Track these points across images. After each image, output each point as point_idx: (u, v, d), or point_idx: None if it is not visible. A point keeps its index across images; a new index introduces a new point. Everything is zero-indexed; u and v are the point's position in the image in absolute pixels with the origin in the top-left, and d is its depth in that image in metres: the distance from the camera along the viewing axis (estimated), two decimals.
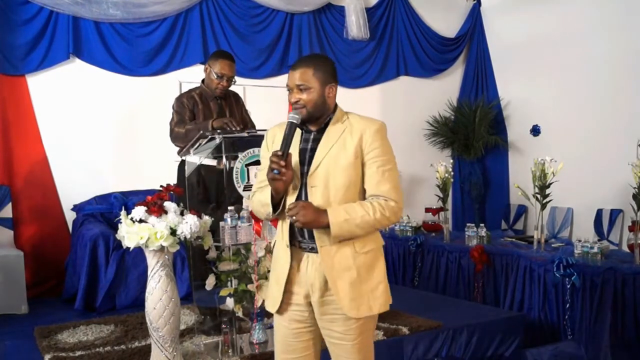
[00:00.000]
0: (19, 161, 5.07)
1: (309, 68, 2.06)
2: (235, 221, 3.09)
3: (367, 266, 2.06)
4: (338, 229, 1.97)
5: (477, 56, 7.33)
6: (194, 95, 3.73)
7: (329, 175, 2.03)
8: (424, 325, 3.60)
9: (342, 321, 2.05)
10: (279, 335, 2.17)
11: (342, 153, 2.03)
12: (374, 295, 2.06)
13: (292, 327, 2.13)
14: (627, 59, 5.77)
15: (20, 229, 5.03)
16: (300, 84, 2.05)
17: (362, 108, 5.36)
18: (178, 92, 5.60)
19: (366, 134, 2.04)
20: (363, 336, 2.09)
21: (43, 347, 3.38)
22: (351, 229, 1.98)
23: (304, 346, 2.14)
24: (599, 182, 5.89)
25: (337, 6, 6.53)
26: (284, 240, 2.11)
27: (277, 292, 2.11)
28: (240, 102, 3.94)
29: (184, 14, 5.70)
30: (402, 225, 5.70)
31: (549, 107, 6.55)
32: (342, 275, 2.02)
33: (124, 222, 2.75)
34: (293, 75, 2.07)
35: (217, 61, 3.64)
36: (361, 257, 2.05)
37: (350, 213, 1.98)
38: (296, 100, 2.06)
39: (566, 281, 3.97)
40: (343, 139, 2.05)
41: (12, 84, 5.05)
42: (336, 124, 2.10)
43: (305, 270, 2.08)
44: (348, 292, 2.02)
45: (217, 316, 3.42)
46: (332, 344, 2.11)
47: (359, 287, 2.03)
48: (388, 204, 2.02)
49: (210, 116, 3.67)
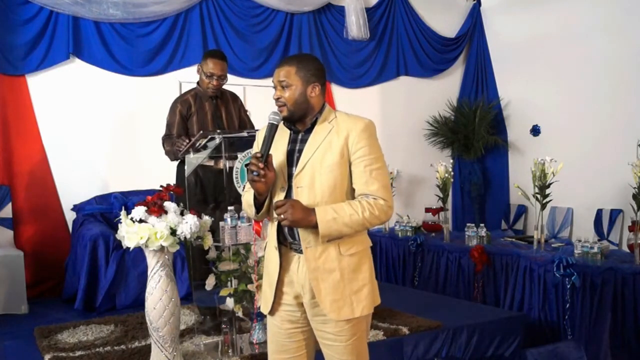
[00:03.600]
0: (19, 161, 5.07)
1: (292, 66, 2.07)
2: (235, 221, 3.09)
3: (352, 268, 2.04)
4: (326, 229, 1.95)
5: (477, 56, 7.33)
6: (188, 98, 3.74)
7: (315, 175, 2.02)
8: (424, 325, 3.60)
9: (334, 322, 2.04)
10: (272, 335, 2.17)
11: (328, 153, 2.02)
12: (358, 298, 2.03)
13: (284, 328, 2.13)
14: (627, 58, 5.77)
15: (20, 229, 5.03)
16: (282, 81, 2.06)
17: (362, 108, 5.36)
18: (178, 92, 5.61)
19: (352, 133, 2.02)
20: (356, 337, 2.07)
21: (43, 347, 3.38)
22: (339, 228, 1.96)
23: (297, 346, 2.14)
24: (599, 182, 5.89)
25: (337, 6, 6.53)
26: (272, 241, 2.11)
27: (269, 294, 2.12)
28: (238, 101, 3.93)
29: (184, 14, 5.70)
30: (402, 225, 5.70)
31: (549, 107, 6.55)
32: (325, 277, 2.01)
33: (124, 222, 2.74)
34: (277, 72, 2.08)
35: (206, 60, 3.66)
36: (346, 259, 2.03)
37: (339, 212, 1.96)
38: (277, 97, 2.07)
39: (566, 281, 3.97)
40: (329, 139, 2.04)
41: (12, 84, 5.06)
42: (323, 124, 2.08)
43: (296, 272, 2.07)
44: (330, 294, 2.01)
45: (217, 316, 3.42)
46: (325, 345, 2.10)
47: (341, 289, 2.01)
48: (377, 202, 2.00)
49: (205, 117, 3.69)
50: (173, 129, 3.69)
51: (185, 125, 3.70)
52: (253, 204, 2.11)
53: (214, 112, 3.74)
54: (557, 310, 4.08)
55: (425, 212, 6.10)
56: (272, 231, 2.11)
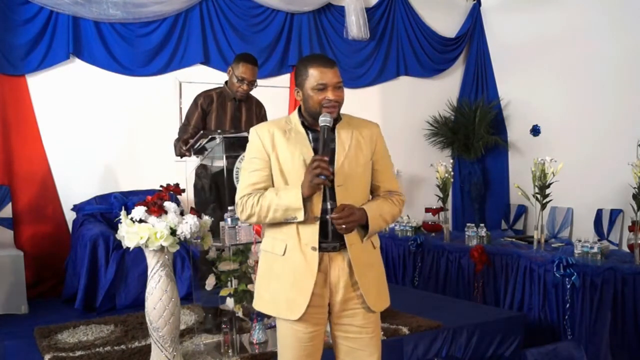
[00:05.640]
0: (19, 161, 5.07)
1: (337, 67, 2.12)
2: (235, 221, 3.09)
3: (380, 261, 2.21)
4: (375, 226, 2.07)
5: (477, 56, 7.33)
6: (212, 94, 3.74)
7: (350, 173, 2.08)
8: (424, 325, 3.60)
9: (362, 315, 2.10)
10: (295, 341, 2.09)
11: (359, 153, 2.12)
12: (386, 289, 2.20)
13: (309, 331, 2.08)
14: (627, 58, 5.77)
15: (20, 229, 5.03)
16: (339, 82, 2.09)
17: (362, 108, 5.35)
18: (178, 92, 5.61)
19: (374, 135, 2.18)
20: (378, 329, 2.19)
21: (43, 347, 3.38)
22: (381, 224, 2.11)
23: (319, 348, 2.16)
24: (599, 182, 5.89)
25: (337, 6, 6.53)
26: (308, 244, 2.05)
27: (301, 299, 2.04)
28: (262, 111, 3.88)
29: (184, 14, 5.70)
30: (402, 225, 5.70)
31: (549, 107, 6.55)
32: (366, 271, 2.10)
33: (124, 222, 2.75)
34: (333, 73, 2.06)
35: (239, 64, 3.65)
36: (376, 252, 2.19)
37: (382, 209, 2.10)
38: (337, 99, 2.08)
39: (566, 281, 3.97)
40: (356, 139, 2.13)
41: (12, 84, 5.06)
42: (342, 124, 2.16)
43: (328, 271, 2.07)
44: (374, 286, 2.11)
45: (218, 315, 3.42)
46: (349, 339, 2.12)
47: (381, 282, 2.17)
48: (400, 198, 2.19)
49: (224, 116, 3.69)
50: (191, 119, 3.69)
51: (204, 118, 3.70)
52: (301, 207, 2.00)
53: (234, 113, 3.72)
54: (557, 310, 4.08)
55: (425, 212, 6.10)
56: (306, 233, 2.05)
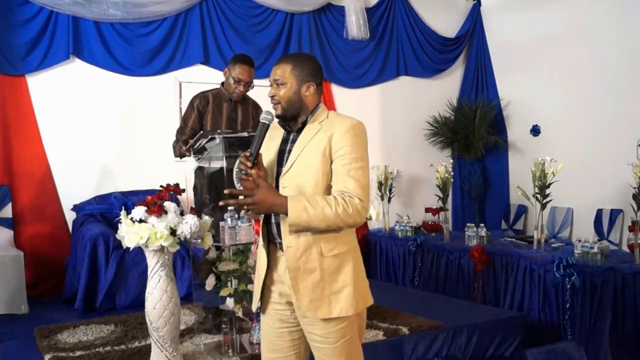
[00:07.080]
0: (19, 161, 5.07)
1: (287, 64, 2.07)
2: (235, 221, 3.09)
3: (333, 269, 2.00)
4: (295, 217, 1.90)
5: (477, 56, 7.32)
6: (208, 95, 3.74)
7: (300, 175, 2.01)
8: (424, 325, 3.60)
9: (322, 324, 2.01)
10: (265, 333, 2.18)
11: (312, 153, 2.01)
12: (337, 299, 2.00)
13: (275, 327, 2.12)
14: (627, 58, 5.77)
15: (20, 229, 5.03)
16: (277, 79, 2.06)
17: (362, 108, 5.36)
18: (178, 92, 5.61)
19: (336, 133, 2.00)
20: (346, 339, 2.03)
21: (43, 347, 3.38)
22: (310, 220, 1.91)
23: (288, 346, 2.13)
24: (599, 182, 5.88)
25: (337, 6, 6.52)
26: (263, 240, 2.12)
27: (256, 291, 2.15)
28: (259, 111, 3.86)
29: (184, 14, 5.70)
30: (402, 225, 5.70)
31: (549, 107, 6.55)
32: (305, 277, 2.00)
33: (124, 222, 2.75)
34: (273, 70, 2.09)
35: (235, 65, 3.65)
36: (328, 260, 2.00)
37: (312, 203, 1.92)
38: (272, 95, 2.08)
39: (566, 281, 3.97)
40: (316, 139, 2.02)
41: (12, 84, 5.05)
42: (313, 124, 2.07)
43: (283, 271, 2.06)
44: (308, 293, 1.99)
45: (218, 315, 3.42)
46: (315, 347, 2.09)
47: (320, 290, 1.99)
48: (352, 200, 1.94)
49: (220, 117, 3.68)
50: (188, 121, 3.69)
51: (201, 120, 3.70)
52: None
53: (230, 114, 3.72)
54: (557, 310, 4.09)
55: (425, 212, 6.10)
56: (265, 230, 2.12)
